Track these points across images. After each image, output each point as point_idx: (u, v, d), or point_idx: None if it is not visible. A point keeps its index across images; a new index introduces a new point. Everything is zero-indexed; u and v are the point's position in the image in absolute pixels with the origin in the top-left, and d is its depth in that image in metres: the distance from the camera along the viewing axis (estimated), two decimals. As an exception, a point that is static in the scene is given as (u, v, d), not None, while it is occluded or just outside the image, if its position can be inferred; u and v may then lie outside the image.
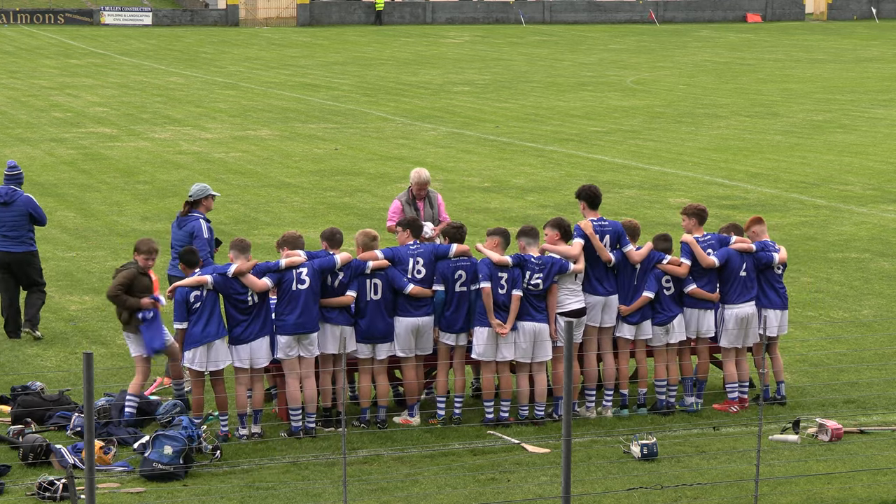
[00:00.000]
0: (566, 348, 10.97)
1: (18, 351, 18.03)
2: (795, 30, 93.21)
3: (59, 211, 28.27)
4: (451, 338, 15.21)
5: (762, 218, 16.44)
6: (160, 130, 41.61)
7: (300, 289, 14.70)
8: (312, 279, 14.73)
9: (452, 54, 73.25)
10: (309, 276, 14.73)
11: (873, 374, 16.99)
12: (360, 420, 15.11)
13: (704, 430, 15.11)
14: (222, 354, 14.64)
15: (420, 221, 15.89)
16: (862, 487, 13.21)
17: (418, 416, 15.26)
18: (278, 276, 14.73)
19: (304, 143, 38.36)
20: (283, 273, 14.74)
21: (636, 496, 12.93)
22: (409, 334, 15.05)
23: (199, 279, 14.62)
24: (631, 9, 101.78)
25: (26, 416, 15.02)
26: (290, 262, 14.76)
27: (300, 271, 14.74)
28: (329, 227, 15.57)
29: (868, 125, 43.22)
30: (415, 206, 17.42)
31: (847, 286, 21.85)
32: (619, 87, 55.84)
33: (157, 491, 13.22)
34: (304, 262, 14.80)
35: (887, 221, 27.29)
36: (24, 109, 47.26)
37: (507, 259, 15.08)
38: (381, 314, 15.01)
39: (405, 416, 15.23)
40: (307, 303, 14.70)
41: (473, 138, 39.91)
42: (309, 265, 14.79)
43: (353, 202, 29.36)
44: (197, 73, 61.88)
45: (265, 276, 14.68)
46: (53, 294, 20.97)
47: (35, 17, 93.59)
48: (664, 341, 15.69)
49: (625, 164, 34.68)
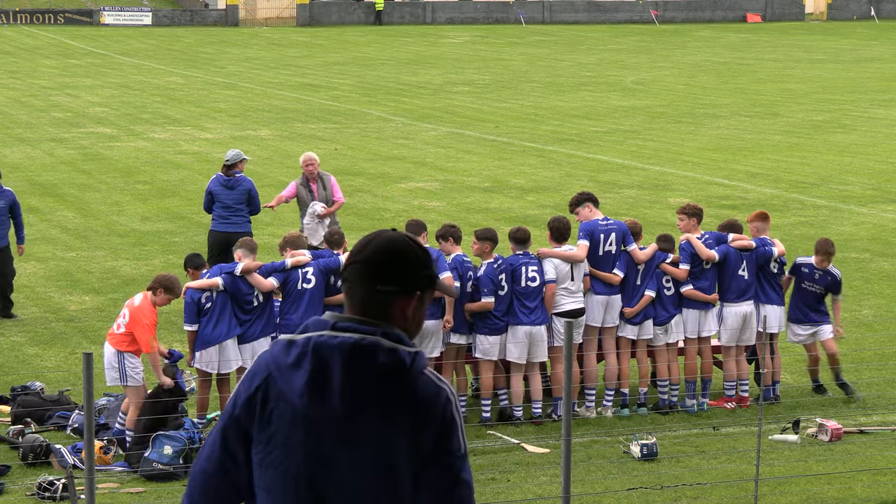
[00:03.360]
0: (566, 348, 10.97)
1: (18, 351, 18.03)
2: (795, 30, 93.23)
3: (59, 211, 28.27)
4: (461, 338, 15.20)
5: (767, 215, 16.43)
6: (160, 130, 41.61)
7: (305, 288, 14.71)
8: (318, 279, 14.74)
9: (452, 54, 73.25)
10: (314, 276, 14.74)
11: (873, 374, 16.99)
12: None
13: (704, 430, 15.11)
14: (232, 355, 14.62)
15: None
16: (862, 487, 13.21)
17: None
18: (284, 275, 14.74)
19: (303, 143, 38.34)
20: (289, 273, 14.75)
21: (636, 496, 12.93)
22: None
23: (211, 282, 14.59)
24: (631, 9, 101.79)
25: (26, 416, 15.02)
26: (296, 261, 14.79)
27: (306, 271, 14.76)
28: (330, 228, 15.58)
29: (868, 125, 43.22)
30: (308, 188, 19.23)
31: (847, 286, 21.83)
32: (618, 87, 55.84)
33: (157, 491, 13.22)
34: (310, 262, 14.81)
35: (887, 221, 27.29)
36: (24, 109, 47.26)
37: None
38: None
39: None
40: (312, 303, 14.70)
41: (473, 138, 39.90)
42: (314, 265, 14.80)
43: (353, 202, 29.35)
44: (197, 73, 61.88)
45: (271, 276, 14.69)
46: (53, 294, 20.98)
47: (35, 17, 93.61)
48: (664, 341, 15.73)
49: (625, 164, 34.67)
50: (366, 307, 4.84)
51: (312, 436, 4.77)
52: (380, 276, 4.82)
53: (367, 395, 4.73)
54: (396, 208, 28.52)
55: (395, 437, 4.76)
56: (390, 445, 4.75)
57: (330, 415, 4.73)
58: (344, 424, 4.74)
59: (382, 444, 4.75)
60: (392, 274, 4.83)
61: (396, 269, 4.84)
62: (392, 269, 4.83)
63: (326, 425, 4.75)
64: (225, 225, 19.15)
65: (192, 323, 14.56)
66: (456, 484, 4.81)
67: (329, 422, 4.74)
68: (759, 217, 16.31)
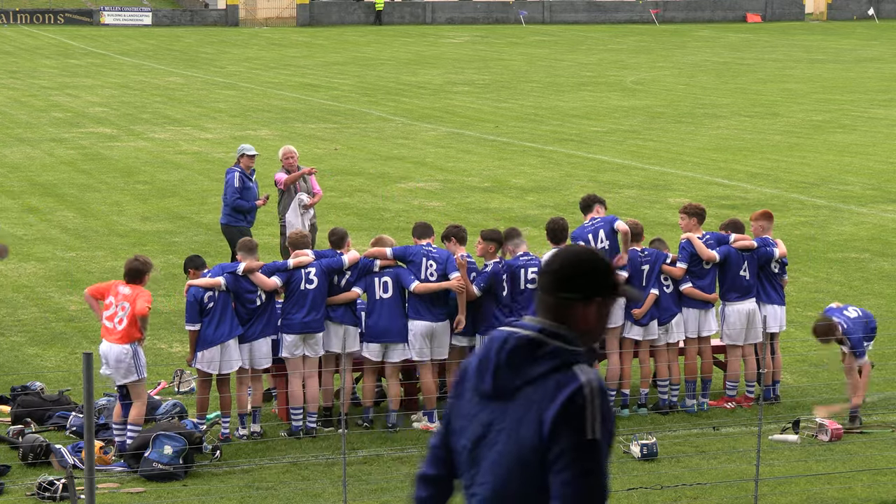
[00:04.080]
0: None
1: (18, 351, 18.03)
2: (795, 30, 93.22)
3: (59, 211, 28.28)
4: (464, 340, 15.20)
5: (771, 214, 16.42)
6: (160, 130, 41.60)
7: (308, 288, 14.71)
8: (320, 279, 14.74)
9: (452, 54, 73.24)
10: (317, 276, 14.74)
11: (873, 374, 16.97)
12: (364, 419, 15.08)
13: (704, 430, 15.11)
14: (234, 355, 14.60)
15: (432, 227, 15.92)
16: (862, 487, 13.21)
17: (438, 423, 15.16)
18: (287, 275, 14.74)
19: (303, 143, 38.33)
20: (292, 273, 14.75)
21: (636, 496, 12.93)
22: (423, 338, 14.99)
23: (213, 281, 14.58)
24: (631, 9, 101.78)
25: (26, 416, 15.02)
26: (299, 261, 14.79)
27: (308, 271, 14.76)
28: (334, 228, 15.58)
29: (868, 125, 43.22)
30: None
31: (847, 286, 21.85)
32: (618, 87, 55.84)
33: (157, 491, 13.22)
34: (313, 262, 14.80)
35: (887, 221, 27.29)
36: (24, 109, 47.26)
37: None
38: (392, 313, 14.95)
39: (426, 423, 15.13)
40: (315, 302, 14.70)
41: (473, 138, 39.90)
42: (317, 265, 14.80)
43: (353, 202, 29.36)
44: (197, 73, 61.88)
45: (274, 276, 14.69)
46: (53, 294, 20.99)
47: (35, 17, 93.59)
48: (664, 340, 15.74)
49: (625, 164, 34.67)
50: (551, 311, 5.62)
51: (475, 407, 5.64)
52: (563, 285, 5.59)
53: (513, 380, 5.53)
54: (396, 208, 28.52)
55: (532, 419, 5.45)
56: (529, 426, 5.45)
57: (486, 391, 5.60)
58: (494, 401, 5.58)
59: (523, 424, 5.47)
60: (574, 283, 5.59)
61: (578, 279, 5.60)
62: (574, 279, 5.59)
63: (483, 400, 5.61)
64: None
65: (195, 322, 14.53)
66: (583, 474, 5.38)
67: (485, 397, 5.60)
68: (763, 216, 16.30)
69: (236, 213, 20.06)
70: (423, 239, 15.25)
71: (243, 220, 20.07)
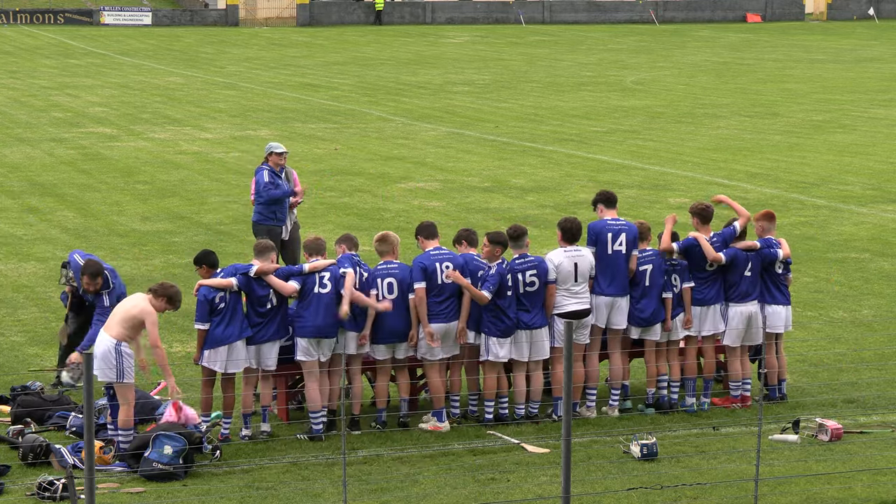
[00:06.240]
0: (565, 349, 10.97)
1: (18, 351, 18.03)
2: (795, 30, 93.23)
3: (59, 211, 28.27)
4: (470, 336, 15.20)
5: (774, 214, 16.41)
6: (160, 130, 41.61)
7: (321, 293, 14.70)
8: (333, 285, 14.74)
9: (452, 54, 73.24)
10: (330, 282, 14.74)
11: (873, 374, 17.00)
12: (377, 421, 15.07)
13: (704, 430, 15.11)
14: (241, 355, 14.59)
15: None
16: (862, 487, 13.22)
17: (447, 422, 15.16)
18: (302, 279, 14.73)
19: (303, 143, 38.35)
20: (306, 276, 14.75)
21: (636, 496, 12.93)
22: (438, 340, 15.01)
23: (225, 282, 14.54)
24: (631, 9, 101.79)
25: (26, 416, 15.02)
26: (314, 266, 14.79)
27: (322, 276, 14.75)
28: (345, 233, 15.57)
29: (868, 125, 43.22)
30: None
31: (847, 286, 21.85)
32: (618, 87, 55.85)
33: (157, 491, 13.22)
34: (327, 268, 14.79)
35: (887, 221, 27.30)
36: (23, 109, 47.26)
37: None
38: (397, 313, 14.96)
39: (434, 423, 15.11)
40: (329, 307, 14.69)
41: (473, 138, 39.91)
42: (331, 270, 14.79)
43: (353, 202, 29.37)
44: (197, 73, 61.88)
45: (291, 279, 14.68)
46: (53, 294, 20.97)
47: (35, 17, 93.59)
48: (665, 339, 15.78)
49: (625, 164, 34.68)
50: None
51: None
52: None
53: None
54: (396, 208, 28.52)
55: None
56: None
57: None
58: None
59: None
60: None
61: None
62: None
63: None
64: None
65: (204, 322, 14.50)
66: None
67: None
68: (765, 217, 16.29)
69: (268, 211, 19.76)
70: (430, 241, 15.28)
71: (273, 217, 19.79)
